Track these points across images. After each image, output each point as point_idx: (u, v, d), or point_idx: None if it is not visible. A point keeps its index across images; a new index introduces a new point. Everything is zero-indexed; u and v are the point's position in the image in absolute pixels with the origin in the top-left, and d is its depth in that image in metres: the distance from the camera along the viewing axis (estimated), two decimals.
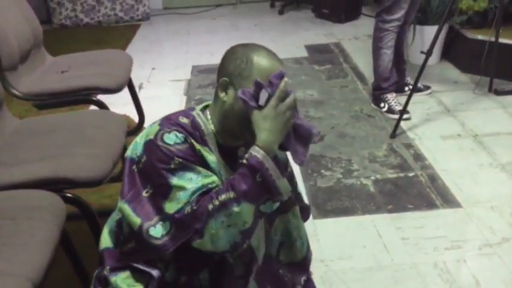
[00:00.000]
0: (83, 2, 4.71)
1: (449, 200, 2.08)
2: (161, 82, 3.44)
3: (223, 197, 1.09)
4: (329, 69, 3.51)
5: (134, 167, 1.17)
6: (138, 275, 1.19)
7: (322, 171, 2.32)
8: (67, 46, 4.01)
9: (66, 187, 1.44)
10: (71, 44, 4.16)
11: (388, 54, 2.75)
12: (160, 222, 1.13)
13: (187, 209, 1.10)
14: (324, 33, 4.30)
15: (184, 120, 1.19)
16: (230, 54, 1.20)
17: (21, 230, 1.21)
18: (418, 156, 2.40)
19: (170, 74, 3.55)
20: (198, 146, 1.16)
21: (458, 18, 3.24)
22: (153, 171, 1.13)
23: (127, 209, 1.14)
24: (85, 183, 1.44)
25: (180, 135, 1.14)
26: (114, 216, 1.27)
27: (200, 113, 1.23)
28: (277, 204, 1.17)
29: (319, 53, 3.84)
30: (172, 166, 1.11)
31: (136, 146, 1.19)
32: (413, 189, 2.16)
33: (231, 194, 1.10)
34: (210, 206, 1.09)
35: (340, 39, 4.11)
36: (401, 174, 2.27)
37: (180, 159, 1.11)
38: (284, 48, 3.94)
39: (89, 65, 2.26)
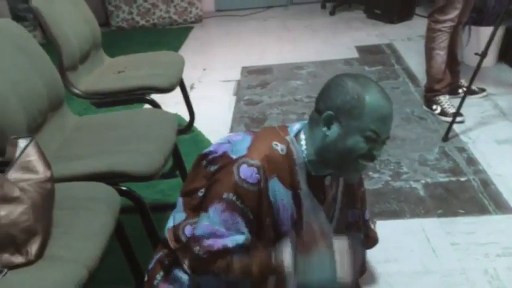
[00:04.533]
0: (139, 5, 4.88)
1: (502, 206, 2.01)
2: (212, 82, 3.52)
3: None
4: (380, 71, 3.46)
5: (204, 161, 1.24)
6: None
7: (370, 173, 2.30)
8: (124, 47, 4.18)
9: (120, 180, 1.51)
10: (127, 46, 4.33)
11: (441, 55, 2.69)
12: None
13: (197, 247, 1.15)
14: (375, 33, 4.25)
15: (277, 147, 1.19)
16: (338, 86, 1.16)
17: (79, 220, 1.28)
18: (471, 161, 2.33)
19: (221, 75, 3.62)
20: (269, 192, 1.16)
21: None
22: (215, 185, 1.17)
23: None
24: (138, 177, 1.50)
25: (256, 176, 1.13)
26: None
27: (294, 139, 1.22)
28: None
29: (370, 54, 3.79)
30: (224, 196, 1.13)
31: (215, 146, 1.26)
32: (465, 194, 2.10)
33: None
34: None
35: (392, 40, 4.04)
36: (453, 179, 2.21)
37: (235, 198, 1.13)
38: (334, 49, 3.93)
39: (143, 66, 2.36)
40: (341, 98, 1.15)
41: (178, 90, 2.46)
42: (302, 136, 1.24)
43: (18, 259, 1.10)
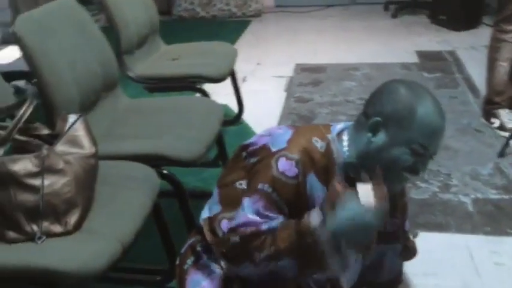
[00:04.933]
0: None
1: None
2: (264, 77, 3.52)
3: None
4: (439, 78, 3.33)
5: (244, 153, 1.23)
6: None
7: (418, 182, 2.22)
8: (182, 37, 4.24)
9: (162, 164, 1.54)
10: (186, 35, 4.41)
11: (504, 66, 2.55)
12: None
13: (234, 237, 1.12)
14: (438, 40, 4.09)
15: (317, 143, 1.16)
16: (391, 93, 1.12)
17: (119, 197, 1.32)
18: None
19: (274, 70, 3.62)
20: (307, 186, 1.13)
21: None
22: (253, 178, 1.16)
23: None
24: (178, 162, 1.53)
25: (294, 169, 1.11)
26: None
27: (336, 138, 1.19)
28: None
29: (430, 60, 3.66)
30: (259, 187, 1.12)
31: (255, 138, 1.25)
32: None
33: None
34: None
35: (455, 47, 3.88)
36: (506, 197, 2.10)
37: (271, 190, 1.11)
38: (393, 52, 3.83)
39: (197, 55, 2.39)
40: (392, 106, 1.11)
41: (230, 81, 2.48)
42: (345, 137, 1.21)
43: (57, 228, 1.14)
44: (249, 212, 1.13)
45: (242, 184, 1.22)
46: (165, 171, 1.55)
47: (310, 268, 1.13)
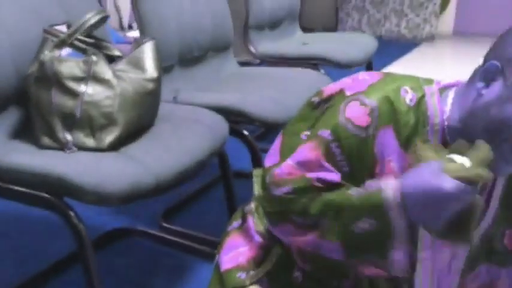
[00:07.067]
0: (371, 15, 4.75)
1: None
2: None
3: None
4: None
5: (318, 98, 0.98)
6: None
7: None
8: None
9: (242, 121, 1.38)
10: None
11: None
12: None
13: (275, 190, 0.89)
14: None
15: (406, 95, 0.86)
16: None
17: (175, 134, 1.19)
18: None
19: None
20: (376, 142, 0.85)
21: None
22: (317, 123, 0.92)
23: None
24: (258, 120, 1.36)
25: (366, 118, 0.84)
26: None
27: (436, 92, 0.89)
28: None
29: None
30: (318, 133, 0.87)
31: (336, 82, 1.00)
32: None
33: None
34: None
35: None
36: None
37: (331, 138, 0.85)
38: None
39: (330, 41, 2.22)
40: None
41: None
42: (450, 93, 0.88)
43: (90, 142, 1.05)
44: (296, 159, 0.88)
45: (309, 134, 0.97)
46: (244, 132, 1.38)
47: (363, 252, 0.84)
